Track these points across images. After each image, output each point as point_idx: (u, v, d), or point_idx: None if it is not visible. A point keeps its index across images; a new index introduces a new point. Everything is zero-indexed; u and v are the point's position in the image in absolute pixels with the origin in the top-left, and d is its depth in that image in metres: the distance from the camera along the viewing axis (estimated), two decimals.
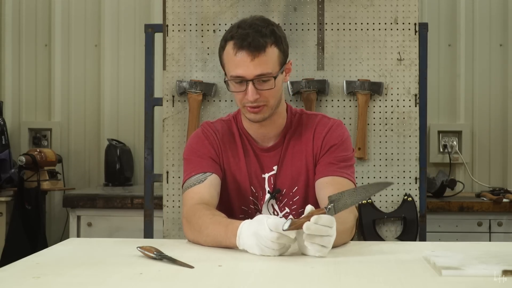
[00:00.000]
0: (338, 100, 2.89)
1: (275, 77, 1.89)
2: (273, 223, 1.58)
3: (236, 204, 2.04)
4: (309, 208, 1.63)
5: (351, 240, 1.90)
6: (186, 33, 2.92)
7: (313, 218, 1.57)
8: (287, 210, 2.03)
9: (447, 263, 1.44)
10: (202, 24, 2.92)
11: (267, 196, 2.02)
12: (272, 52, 1.89)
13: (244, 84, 1.89)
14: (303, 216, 1.61)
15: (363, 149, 2.85)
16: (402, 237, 2.86)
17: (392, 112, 2.88)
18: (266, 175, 2.03)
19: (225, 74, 1.95)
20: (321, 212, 1.60)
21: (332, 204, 1.62)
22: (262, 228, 1.59)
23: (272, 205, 2.04)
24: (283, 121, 2.03)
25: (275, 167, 2.03)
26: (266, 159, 2.03)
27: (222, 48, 1.93)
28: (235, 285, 1.34)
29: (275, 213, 2.03)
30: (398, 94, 2.88)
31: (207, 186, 1.96)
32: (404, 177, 2.87)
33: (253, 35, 1.86)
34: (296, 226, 1.58)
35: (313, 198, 2.00)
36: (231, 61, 1.89)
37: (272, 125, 2.01)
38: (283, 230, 1.57)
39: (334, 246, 1.67)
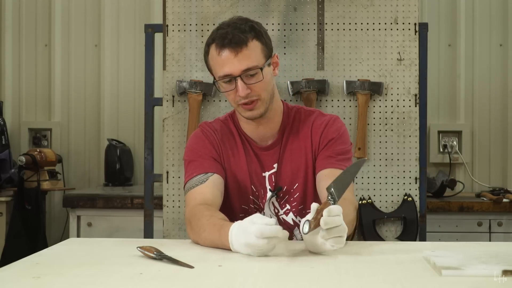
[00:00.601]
0: (338, 100, 2.89)
1: (261, 69, 1.90)
2: (258, 231, 1.57)
3: (237, 203, 2.04)
4: (315, 206, 1.63)
5: (351, 239, 1.90)
6: (186, 33, 2.92)
7: (325, 212, 1.57)
8: (287, 207, 2.04)
9: (447, 263, 1.44)
10: (202, 24, 2.92)
11: (269, 194, 2.03)
12: (255, 46, 1.90)
13: (233, 82, 1.90)
14: (312, 215, 1.61)
15: (363, 149, 2.85)
16: (402, 237, 2.86)
17: (392, 112, 2.88)
18: (267, 174, 2.04)
19: (214, 78, 1.95)
20: (327, 204, 1.61)
21: (332, 195, 1.63)
22: (250, 237, 1.59)
23: (273, 203, 2.04)
24: (280, 119, 2.04)
25: (275, 165, 2.03)
26: (265, 158, 2.03)
27: (206, 54, 1.95)
28: (235, 285, 1.34)
29: (276, 210, 2.05)
30: (398, 94, 2.88)
31: (210, 186, 1.96)
32: (404, 177, 2.87)
33: (233, 32, 1.88)
34: (314, 225, 1.59)
35: (311, 194, 2.01)
36: (216, 62, 1.91)
37: (269, 124, 2.02)
38: (304, 234, 1.58)
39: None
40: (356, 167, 1.73)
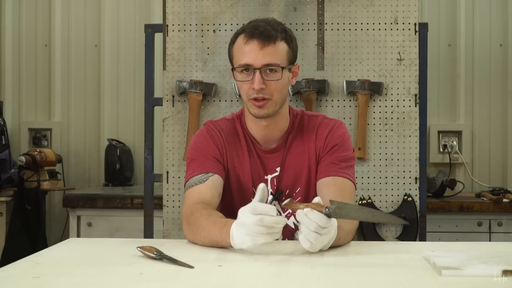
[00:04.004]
0: (338, 100, 2.90)
1: (282, 68, 1.91)
2: (251, 207, 1.59)
3: (237, 205, 2.02)
4: (316, 199, 1.64)
5: (351, 240, 1.90)
6: (186, 33, 2.92)
7: (306, 210, 1.59)
8: (289, 210, 2.04)
9: (447, 263, 1.44)
10: (202, 24, 2.92)
11: (270, 197, 2.03)
12: (282, 46, 1.92)
13: (251, 73, 1.90)
14: (306, 203, 1.62)
15: (363, 149, 2.85)
16: (402, 237, 2.86)
17: (392, 112, 2.88)
18: (269, 177, 2.03)
19: (232, 66, 1.97)
20: (318, 208, 1.60)
21: (333, 207, 1.60)
22: (245, 215, 1.59)
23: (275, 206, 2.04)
24: (286, 123, 2.04)
25: (278, 169, 2.03)
26: (269, 161, 2.03)
27: (232, 43, 1.96)
28: (235, 285, 1.34)
29: (278, 213, 2.04)
30: (398, 94, 2.88)
31: (209, 186, 1.95)
32: (404, 177, 2.87)
33: (265, 26, 1.91)
34: (292, 207, 1.63)
35: (313, 199, 2.00)
36: (240, 50, 1.92)
37: (276, 127, 2.02)
38: (282, 205, 1.63)
39: (339, 245, 1.72)
40: (384, 218, 1.71)
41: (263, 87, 1.90)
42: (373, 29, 2.88)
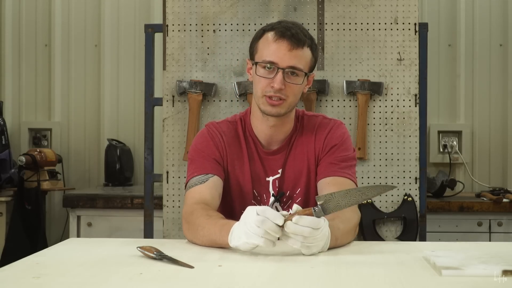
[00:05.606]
0: (338, 100, 2.90)
1: (305, 74, 1.93)
2: (261, 209, 1.59)
3: (237, 207, 2.04)
4: (295, 207, 1.64)
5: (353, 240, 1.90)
6: (186, 33, 2.92)
7: (294, 218, 1.58)
8: (290, 211, 2.04)
9: (447, 263, 1.44)
10: (202, 24, 2.92)
11: (272, 199, 2.03)
12: (307, 53, 1.94)
13: (274, 71, 1.91)
14: (291, 214, 1.62)
15: (363, 149, 2.85)
16: (402, 237, 2.86)
17: (392, 112, 2.89)
18: (271, 179, 2.03)
19: (253, 60, 1.96)
20: (307, 213, 1.60)
21: (319, 206, 1.61)
22: (251, 214, 1.59)
23: (276, 208, 2.04)
24: (291, 125, 2.05)
25: (280, 170, 2.03)
26: (271, 162, 2.03)
27: (258, 38, 1.96)
28: (235, 285, 1.34)
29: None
30: (398, 94, 2.88)
31: (209, 187, 1.96)
32: (404, 177, 2.87)
33: (296, 30, 1.92)
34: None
35: (313, 199, 2.01)
36: (268, 47, 1.92)
37: (281, 128, 2.02)
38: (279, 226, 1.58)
39: (338, 246, 1.72)
40: (374, 190, 1.67)
41: (283, 87, 1.91)
42: (373, 29, 2.89)
